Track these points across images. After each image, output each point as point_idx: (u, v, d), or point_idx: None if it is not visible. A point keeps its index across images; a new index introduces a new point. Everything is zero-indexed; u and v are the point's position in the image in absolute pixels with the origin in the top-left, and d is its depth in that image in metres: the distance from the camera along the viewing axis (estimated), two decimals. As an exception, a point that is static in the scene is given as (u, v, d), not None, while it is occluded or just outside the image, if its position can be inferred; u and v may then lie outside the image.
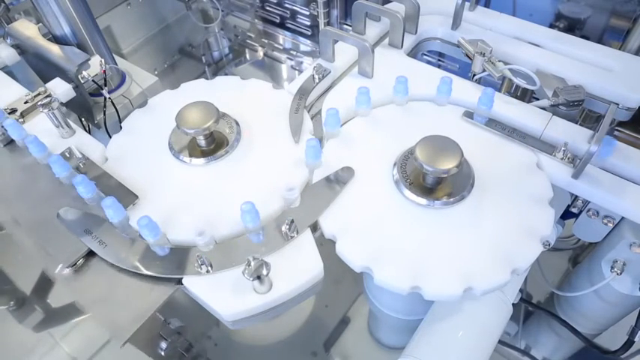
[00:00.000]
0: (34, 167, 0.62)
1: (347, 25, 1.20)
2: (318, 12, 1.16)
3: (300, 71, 1.36)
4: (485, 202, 0.56)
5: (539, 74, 0.66)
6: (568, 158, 0.59)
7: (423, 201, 0.56)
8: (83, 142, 0.65)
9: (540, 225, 0.54)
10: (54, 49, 0.77)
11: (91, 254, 0.54)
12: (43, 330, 0.95)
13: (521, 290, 0.67)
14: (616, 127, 0.84)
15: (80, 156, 0.62)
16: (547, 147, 0.60)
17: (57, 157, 0.58)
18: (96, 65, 0.78)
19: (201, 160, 0.61)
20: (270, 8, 1.35)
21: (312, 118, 0.67)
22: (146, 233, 0.52)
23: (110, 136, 0.66)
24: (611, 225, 0.63)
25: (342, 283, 0.96)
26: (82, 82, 0.76)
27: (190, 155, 0.62)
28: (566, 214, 0.69)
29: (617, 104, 0.67)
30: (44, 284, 1.01)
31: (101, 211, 0.55)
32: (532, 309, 0.93)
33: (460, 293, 0.49)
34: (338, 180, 0.58)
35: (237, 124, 0.65)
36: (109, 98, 0.81)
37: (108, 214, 0.54)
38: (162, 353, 0.64)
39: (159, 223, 0.53)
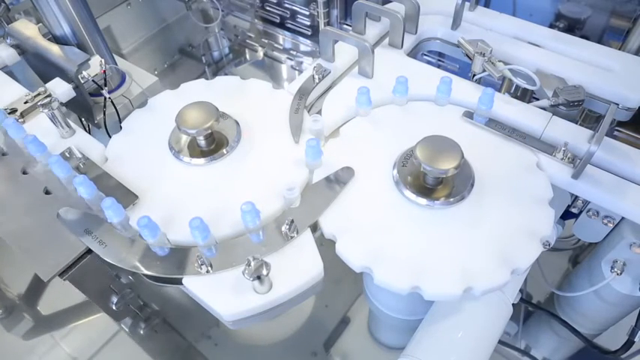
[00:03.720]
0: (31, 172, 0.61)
1: (347, 25, 1.20)
2: (318, 12, 1.16)
3: (300, 71, 1.36)
4: (485, 202, 0.56)
5: (539, 74, 0.66)
6: (568, 158, 0.59)
7: (423, 201, 0.56)
8: (83, 142, 0.65)
9: (540, 225, 0.54)
10: (54, 49, 0.77)
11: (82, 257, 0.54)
12: (43, 330, 0.95)
13: (521, 290, 0.67)
14: (616, 127, 0.84)
15: (80, 156, 0.62)
16: (547, 147, 0.60)
17: (57, 158, 0.58)
18: (96, 65, 0.78)
19: (202, 160, 0.61)
20: (270, 8, 1.35)
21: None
22: (146, 233, 0.52)
23: (110, 136, 0.66)
24: (611, 225, 0.63)
25: (342, 283, 0.96)
26: (82, 82, 0.76)
27: (190, 155, 0.62)
28: (566, 214, 0.69)
29: (617, 104, 0.67)
30: (44, 285, 1.01)
31: (101, 211, 0.55)
32: (532, 309, 0.92)
33: (460, 293, 0.49)
34: (338, 180, 0.58)
35: (237, 124, 0.65)
36: (109, 98, 0.81)
37: (108, 215, 0.54)
38: (114, 307, 0.63)
39: (159, 223, 0.53)
